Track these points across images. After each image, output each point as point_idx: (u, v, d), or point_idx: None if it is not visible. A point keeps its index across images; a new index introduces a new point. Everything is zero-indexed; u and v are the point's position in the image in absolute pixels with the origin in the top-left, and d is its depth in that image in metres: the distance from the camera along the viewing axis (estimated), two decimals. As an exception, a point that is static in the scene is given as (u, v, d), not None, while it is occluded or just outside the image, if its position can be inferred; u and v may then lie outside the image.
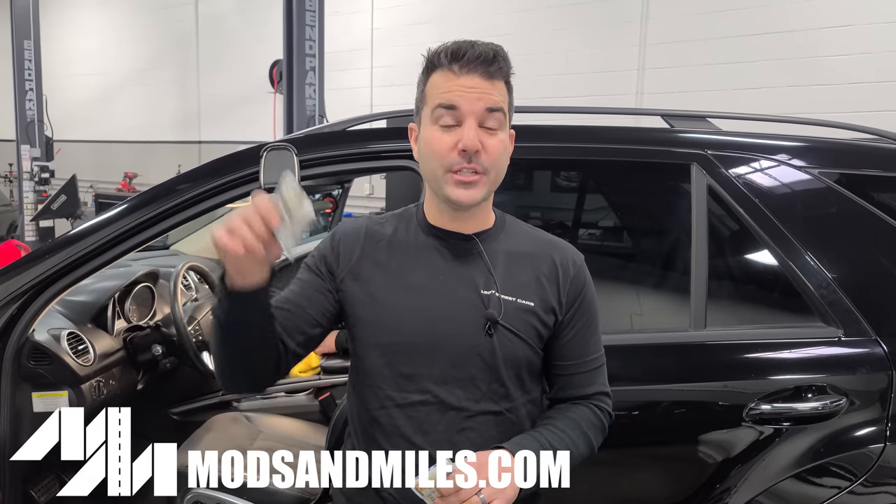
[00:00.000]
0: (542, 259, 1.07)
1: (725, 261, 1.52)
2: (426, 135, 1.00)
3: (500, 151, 0.99)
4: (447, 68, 0.97)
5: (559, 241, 1.11)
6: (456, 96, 0.96)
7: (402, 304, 1.01)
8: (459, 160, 0.96)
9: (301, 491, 1.58)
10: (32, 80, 6.97)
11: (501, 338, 1.01)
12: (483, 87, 0.96)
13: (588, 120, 1.55)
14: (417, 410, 1.01)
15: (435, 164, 0.98)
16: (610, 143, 1.51)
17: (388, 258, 1.05)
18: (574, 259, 1.08)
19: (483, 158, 0.97)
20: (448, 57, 0.97)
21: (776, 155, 1.46)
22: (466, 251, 1.04)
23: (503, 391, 1.03)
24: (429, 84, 1.00)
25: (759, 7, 5.56)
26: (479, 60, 0.96)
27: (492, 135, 0.98)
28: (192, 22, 9.58)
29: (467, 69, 0.96)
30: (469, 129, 0.96)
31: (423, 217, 1.07)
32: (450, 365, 1.00)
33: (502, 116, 0.98)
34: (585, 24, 6.44)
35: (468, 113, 0.96)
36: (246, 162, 1.42)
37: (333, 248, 1.07)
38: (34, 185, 6.88)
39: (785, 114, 1.76)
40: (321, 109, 4.59)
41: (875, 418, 1.30)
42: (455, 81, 0.96)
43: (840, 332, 1.33)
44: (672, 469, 1.39)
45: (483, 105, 0.96)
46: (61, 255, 1.42)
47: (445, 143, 0.97)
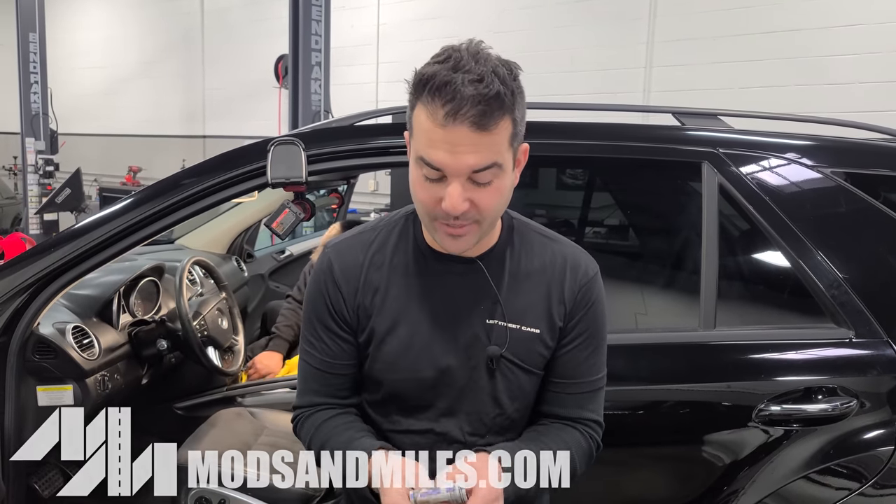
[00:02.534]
0: (553, 276, 0.97)
1: (736, 260, 1.51)
2: (413, 174, 0.88)
3: (492, 202, 0.87)
4: (432, 111, 0.81)
5: (574, 253, 1.00)
6: (442, 155, 0.82)
7: (407, 341, 0.96)
8: (445, 215, 0.86)
9: (305, 487, 1.57)
10: (37, 73, 6.97)
11: (505, 371, 0.97)
12: (473, 143, 0.81)
13: (597, 117, 1.53)
14: (426, 438, 0.99)
15: (420, 210, 0.91)
16: (619, 140, 1.49)
17: (388, 287, 0.97)
18: (587, 271, 0.99)
19: (473, 213, 0.86)
20: (432, 94, 0.80)
21: (787, 154, 1.44)
22: (470, 275, 0.96)
23: (508, 423, 1.00)
24: (415, 114, 0.85)
25: (768, 5, 5.52)
26: (469, 106, 0.79)
27: (484, 188, 0.85)
28: (197, 16, 9.57)
29: (454, 118, 0.79)
30: (454, 192, 0.83)
31: (422, 236, 0.98)
32: (455, 399, 0.98)
33: (497, 169, 0.84)
34: (593, 21, 6.41)
35: (453, 174, 0.83)
36: (253, 156, 1.41)
37: (336, 291, 0.98)
38: (38, 178, 6.89)
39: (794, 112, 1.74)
40: (326, 104, 4.58)
41: (886, 420, 1.29)
42: (442, 133, 0.81)
43: (851, 334, 1.31)
44: (680, 470, 1.38)
45: (471, 165, 0.82)
46: (67, 249, 1.42)
47: (429, 198, 0.86)
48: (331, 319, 0.99)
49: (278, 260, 3.49)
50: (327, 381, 1.01)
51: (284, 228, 1.48)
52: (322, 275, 1.00)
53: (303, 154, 1.37)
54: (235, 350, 2.37)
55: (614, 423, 1.32)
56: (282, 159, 1.36)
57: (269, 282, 3.41)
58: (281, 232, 1.48)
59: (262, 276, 3.37)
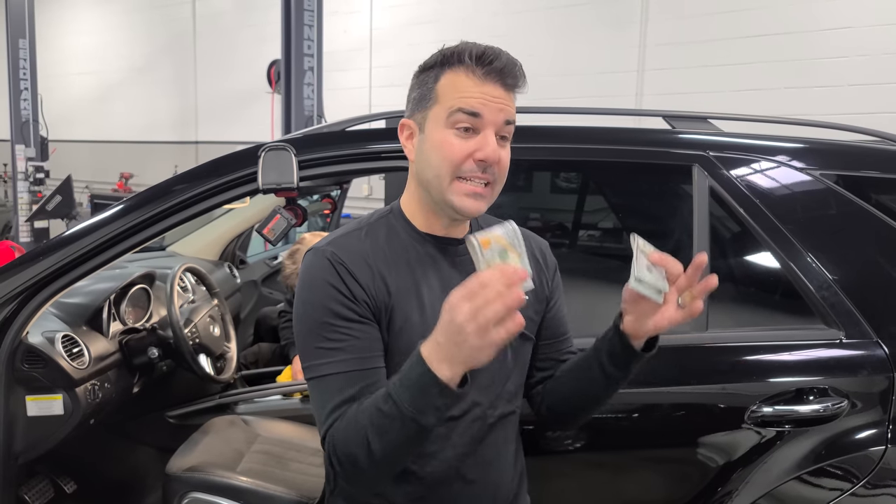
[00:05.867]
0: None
1: (727, 262, 1.52)
2: (437, 137, 0.94)
3: (507, 164, 0.97)
4: (470, 71, 0.93)
5: (528, 232, 1.14)
6: (480, 104, 0.92)
7: (421, 329, 0.94)
8: (474, 168, 0.93)
9: (299, 494, 1.56)
10: (27, 79, 6.93)
11: (512, 340, 1.00)
12: (504, 99, 0.94)
13: (588, 121, 1.54)
14: (446, 422, 0.98)
15: (444, 169, 0.94)
16: (611, 143, 1.50)
17: (394, 277, 0.97)
18: (545, 245, 1.15)
19: (496, 170, 0.95)
20: (473, 59, 0.93)
21: (777, 156, 1.45)
22: (465, 254, 1.00)
23: (515, 390, 1.06)
24: (443, 82, 0.95)
25: (759, 9, 5.58)
26: (505, 69, 0.93)
27: (503, 147, 0.96)
28: (189, 21, 9.56)
29: (493, 77, 0.92)
30: (491, 139, 0.93)
31: (409, 223, 1.01)
32: (471, 375, 0.96)
33: (513, 129, 0.97)
34: (585, 26, 6.45)
35: (489, 122, 0.93)
36: (244, 162, 1.40)
37: (353, 279, 0.94)
38: (29, 186, 6.85)
39: (784, 115, 1.75)
40: (319, 109, 4.58)
41: (876, 420, 1.29)
42: (479, 87, 0.92)
43: (841, 334, 1.32)
44: (673, 472, 1.39)
45: (504, 117, 0.94)
46: (56, 257, 1.40)
47: (462, 150, 0.93)
48: (354, 313, 0.92)
49: (271, 266, 3.48)
50: (365, 380, 0.90)
51: (276, 234, 1.47)
52: (328, 271, 0.94)
53: (294, 160, 1.37)
54: (227, 357, 2.36)
55: (608, 426, 1.33)
56: (273, 165, 1.36)
57: (262, 288, 3.40)
58: (272, 238, 1.48)
59: (255, 282, 3.36)
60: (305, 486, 1.59)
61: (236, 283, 3.04)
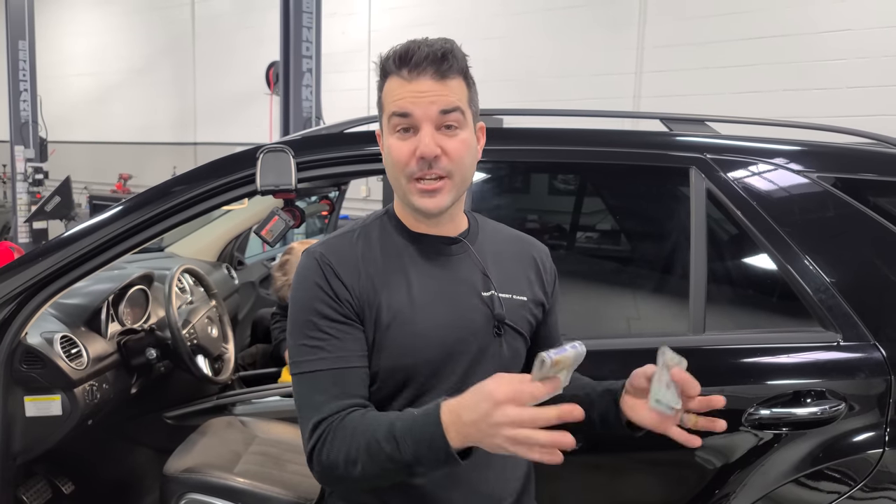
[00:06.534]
0: (523, 256, 1.11)
1: (724, 265, 1.52)
2: (386, 143, 0.98)
3: (461, 152, 0.95)
4: (397, 74, 0.94)
5: (529, 237, 1.16)
6: (408, 103, 0.93)
7: (412, 324, 0.97)
8: (419, 167, 0.94)
9: (296, 495, 1.56)
10: (27, 80, 6.93)
11: (507, 337, 1.03)
12: (435, 90, 0.93)
13: (586, 123, 1.54)
14: None
15: (397, 172, 0.96)
16: (608, 146, 1.50)
17: (385, 275, 0.99)
18: (545, 252, 1.15)
19: (444, 163, 0.94)
20: (397, 62, 0.94)
21: (774, 159, 1.45)
22: (458, 253, 1.04)
23: None
24: (384, 91, 0.98)
25: (757, 11, 5.59)
26: (427, 61, 0.92)
27: (451, 136, 0.94)
28: (188, 23, 9.57)
29: (417, 72, 0.93)
30: (425, 135, 0.93)
31: (400, 223, 1.04)
32: (464, 374, 0.99)
33: (460, 115, 0.95)
34: (583, 28, 6.46)
35: (422, 118, 0.93)
36: (243, 164, 1.41)
37: (338, 281, 0.97)
38: (28, 187, 6.84)
39: (782, 118, 1.76)
40: (318, 111, 4.58)
41: (874, 423, 1.29)
42: (406, 87, 0.93)
43: (839, 337, 1.32)
44: (670, 474, 1.38)
45: (437, 108, 0.93)
46: (55, 258, 1.41)
47: (404, 151, 0.94)
48: (336, 312, 0.96)
49: (269, 267, 3.48)
50: (347, 379, 0.95)
51: (274, 236, 1.47)
52: (316, 272, 0.97)
53: (292, 161, 1.37)
54: (225, 359, 2.36)
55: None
56: (271, 167, 1.36)
57: (260, 289, 3.40)
58: (270, 239, 1.48)
59: (253, 283, 3.36)
60: (302, 487, 1.59)
61: (234, 284, 3.05)
